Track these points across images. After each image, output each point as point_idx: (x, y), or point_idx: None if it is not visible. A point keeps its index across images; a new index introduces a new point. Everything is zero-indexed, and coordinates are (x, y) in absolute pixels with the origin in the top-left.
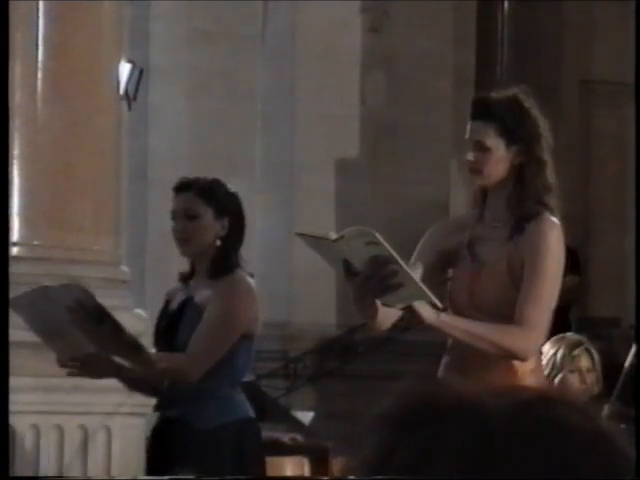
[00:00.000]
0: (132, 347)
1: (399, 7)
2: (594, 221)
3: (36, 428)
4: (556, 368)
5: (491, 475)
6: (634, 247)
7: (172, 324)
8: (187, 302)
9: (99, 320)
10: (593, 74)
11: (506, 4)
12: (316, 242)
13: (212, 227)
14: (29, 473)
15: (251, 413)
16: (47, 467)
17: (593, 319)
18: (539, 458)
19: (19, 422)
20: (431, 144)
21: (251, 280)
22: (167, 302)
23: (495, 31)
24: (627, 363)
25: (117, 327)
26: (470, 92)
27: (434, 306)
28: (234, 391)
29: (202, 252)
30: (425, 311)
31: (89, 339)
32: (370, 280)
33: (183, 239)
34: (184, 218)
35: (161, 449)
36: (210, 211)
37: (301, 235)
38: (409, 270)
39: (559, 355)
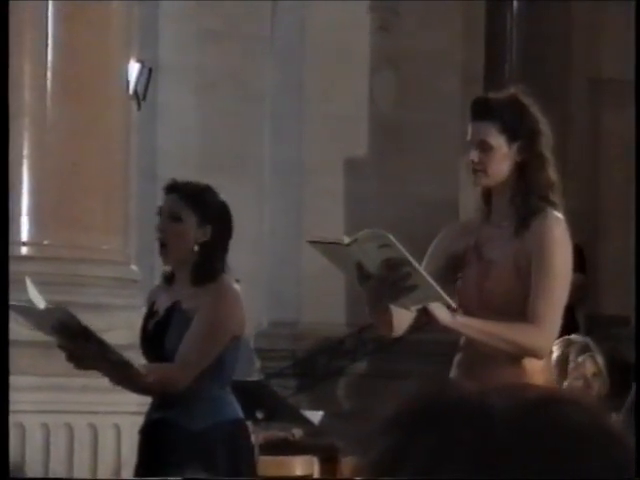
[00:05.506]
0: (120, 364)
1: (408, 6)
2: (603, 219)
3: (46, 427)
4: (566, 374)
5: (499, 475)
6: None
7: (160, 330)
8: (174, 308)
9: (85, 340)
10: (602, 72)
11: (515, 3)
12: (328, 248)
13: (193, 232)
14: (39, 471)
15: (240, 414)
16: (56, 465)
17: (602, 318)
18: (546, 458)
19: (29, 421)
20: (440, 143)
21: (236, 286)
22: (152, 304)
23: (504, 30)
24: None
25: (104, 346)
26: (479, 91)
27: (448, 307)
28: (224, 392)
29: (183, 259)
30: (440, 313)
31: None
32: (384, 283)
33: (162, 240)
34: (167, 218)
35: (151, 450)
36: (193, 216)
37: (313, 243)
38: (423, 271)
39: (569, 361)
